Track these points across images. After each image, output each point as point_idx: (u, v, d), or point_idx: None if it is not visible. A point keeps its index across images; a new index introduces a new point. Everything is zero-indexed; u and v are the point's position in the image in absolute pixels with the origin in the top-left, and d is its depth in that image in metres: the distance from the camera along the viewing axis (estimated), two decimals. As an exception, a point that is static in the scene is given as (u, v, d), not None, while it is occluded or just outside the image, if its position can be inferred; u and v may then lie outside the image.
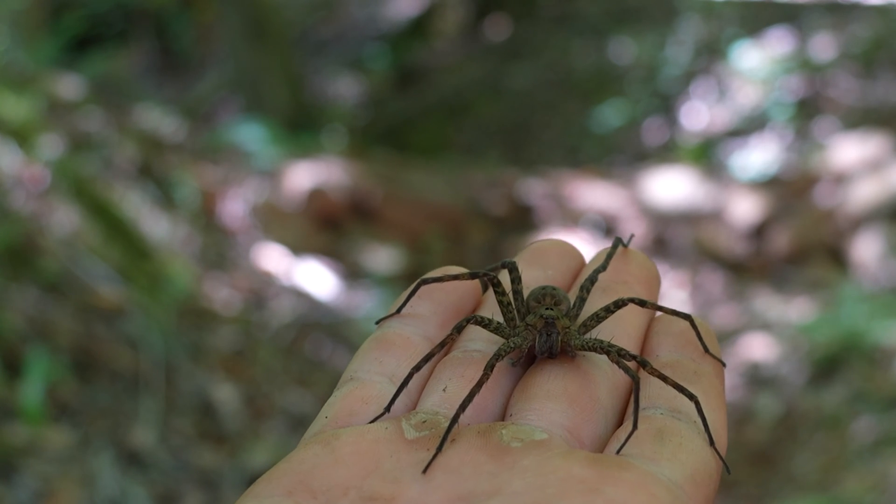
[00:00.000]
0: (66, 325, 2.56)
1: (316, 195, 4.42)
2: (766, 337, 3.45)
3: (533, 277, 0.80)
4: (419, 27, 7.23)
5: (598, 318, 0.74)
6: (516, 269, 0.78)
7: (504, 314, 0.75)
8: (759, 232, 4.30)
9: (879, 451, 2.73)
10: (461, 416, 0.65)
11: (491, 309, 0.76)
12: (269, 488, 0.60)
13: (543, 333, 0.71)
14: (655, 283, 0.82)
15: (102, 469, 2.24)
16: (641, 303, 0.74)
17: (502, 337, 0.73)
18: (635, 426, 0.63)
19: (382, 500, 0.58)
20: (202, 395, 2.66)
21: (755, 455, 2.96)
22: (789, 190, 4.48)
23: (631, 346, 0.73)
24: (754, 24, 5.99)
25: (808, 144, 4.88)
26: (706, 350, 0.73)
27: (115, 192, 3.42)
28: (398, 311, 0.76)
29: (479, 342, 0.74)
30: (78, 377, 2.46)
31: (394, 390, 0.68)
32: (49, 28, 5.74)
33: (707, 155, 5.16)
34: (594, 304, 0.77)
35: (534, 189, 4.84)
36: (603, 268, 0.79)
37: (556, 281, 0.81)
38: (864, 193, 4.11)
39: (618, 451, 0.62)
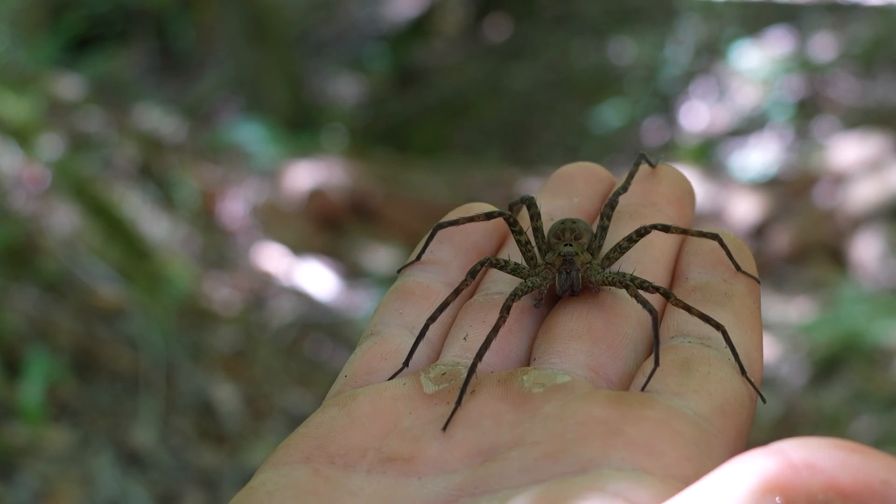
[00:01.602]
0: (66, 325, 2.56)
1: (316, 195, 4.42)
2: (766, 337, 3.44)
3: (558, 207, 0.77)
4: (419, 27, 7.23)
5: (620, 248, 0.71)
6: (535, 205, 0.75)
7: (523, 254, 0.72)
8: (759, 232, 4.30)
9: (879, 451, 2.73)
10: (484, 364, 0.63)
11: (516, 247, 0.73)
12: (287, 455, 0.59)
13: (563, 272, 0.69)
14: (688, 200, 0.78)
15: (102, 469, 2.24)
16: (665, 228, 0.70)
17: (521, 278, 0.70)
18: (657, 363, 0.60)
19: (401, 461, 0.57)
20: (202, 395, 2.66)
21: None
22: (789, 190, 4.47)
23: (660, 271, 0.70)
24: (754, 24, 5.99)
25: (808, 144, 4.88)
26: (738, 268, 0.69)
27: (115, 192, 3.42)
28: (418, 258, 0.74)
29: (502, 284, 0.71)
30: (78, 377, 2.46)
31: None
32: (49, 28, 5.74)
33: (707, 155, 5.16)
34: (621, 231, 0.73)
35: (534, 189, 4.84)
36: (623, 189, 0.75)
37: (584, 208, 0.77)
38: (864, 193, 4.11)
39: (642, 388, 0.59)
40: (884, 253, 3.81)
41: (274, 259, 3.83)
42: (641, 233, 0.70)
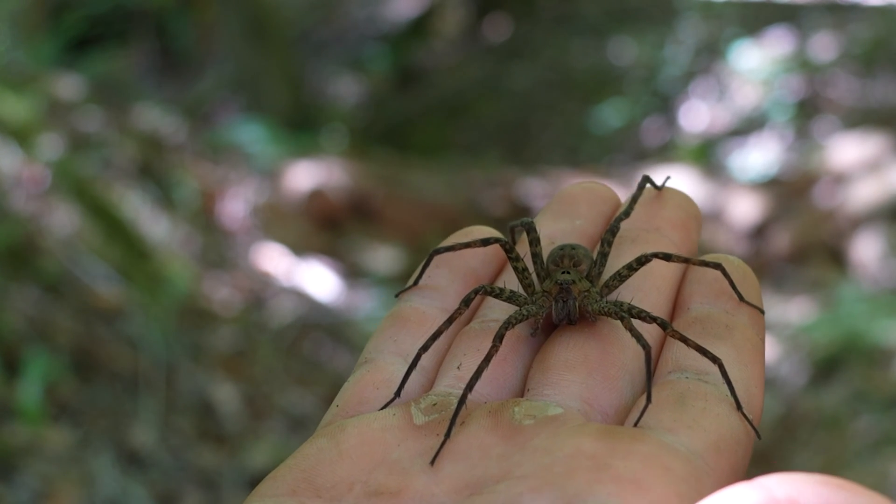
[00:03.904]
0: (66, 325, 2.56)
1: (316, 195, 4.42)
2: (767, 337, 3.44)
3: (560, 230, 0.75)
4: (419, 27, 7.23)
5: (620, 277, 0.69)
6: (534, 230, 0.73)
7: (521, 281, 0.71)
8: (759, 232, 4.30)
9: (879, 451, 2.73)
10: (478, 394, 0.62)
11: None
12: (273, 487, 0.58)
13: (559, 300, 0.67)
14: (694, 225, 0.76)
15: (102, 469, 2.24)
16: (666, 256, 0.68)
17: (517, 306, 0.68)
18: (649, 399, 0.59)
19: (388, 494, 0.56)
20: (202, 395, 2.66)
21: (755, 455, 2.95)
22: (789, 190, 4.47)
23: (661, 300, 0.68)
24: (754, 24, 5.99)
25: (808, 144, 4.88)
26: (742, 299, 0.68)
27: (115, 192, 3.42)
28: (415, 283, 0.72)
29: (499, 311, 0.69)
30: (78, 377, 2.46)
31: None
32: (49, 28, 5.74)
33: (707, 155, 5.15)
34: (623, 257, 0.71)
35: (533, 189, 4.84)
36: (626, 214, 0.73)
37: (587, 232, 0.75)
38: (864, 193, 4.11)
39: (635, 424, 0.58)
40: (884, 253, 3.81)
41: (274, 259, 3.83)
42: (642, 261, 0.69)
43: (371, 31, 7.34)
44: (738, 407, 0.60)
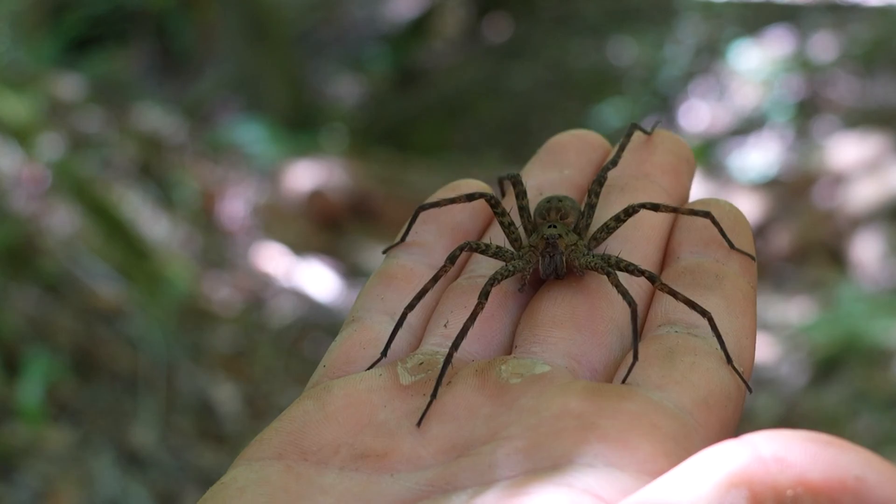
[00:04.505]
0: (66, 325, 2.56)
1: (316, 195, 4.42)
2: (766, 337, 3.45)
3: (548, 181, 0.73)
4: (419, 27, 7.23)
5: (608, 228, 0.68)
6: (520, 183, 0.71)
7: (507, 235, 0.69)
8: (759, 232, 4.30)
9: (879, 451, 2.72)
10: (465, 352, 0.61)
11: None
12: (260, 450, 0.58)
13: (546, 255, 0.66)
14: (686, 168, 0.74)
15: (102, 469, 2.24)
16: (654, 207, 0.67)
17: (504, 261, 0.67)
18: (635, 357, 0.57)
19: (375, 457, 0.56)
20: (202, 395, 2.66)
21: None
22: (789, 190, 4.47)
23: (651, 250, 0.67)
24: (754, 24, 5.99)
25: (808, 144, 4.88)
26: (732, 246, 0.66)
27: (115, 192, 3.42)
28: (402, 239, 0.71)
29: (487, 266, 0.68)
30: (78, 377, 2.46)
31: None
32: (49, 28, 5.74)
33: (707, 155, 5.15)
34: (612, 206, 0.69)
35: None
36: (613, 163, 0.72)
37: (576, 181, 0.74)
38: (864, 193, 4.11)
39: (623, 381, 0.57)
40: (884, 253, 3.81)
41: (274, 259, 3.83)
42: (629, 212, 0.67)
43: (371, 31, 7.34)
44: (729, 360, 0.59)
